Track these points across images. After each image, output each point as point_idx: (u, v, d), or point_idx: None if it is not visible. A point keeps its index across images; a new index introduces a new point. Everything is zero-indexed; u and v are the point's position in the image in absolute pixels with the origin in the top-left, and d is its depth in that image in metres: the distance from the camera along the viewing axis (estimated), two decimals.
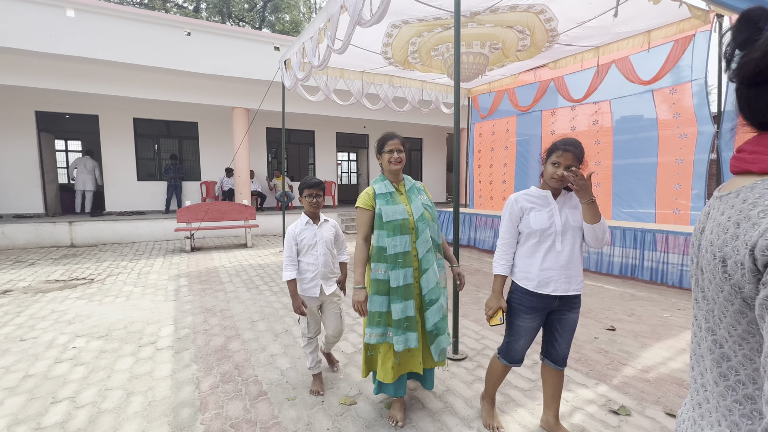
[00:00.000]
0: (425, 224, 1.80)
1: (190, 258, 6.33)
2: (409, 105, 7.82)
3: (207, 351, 2.78)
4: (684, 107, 5.15)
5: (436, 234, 1.89)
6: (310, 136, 11.87)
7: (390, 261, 1.76)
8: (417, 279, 1.81)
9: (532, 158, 7.47)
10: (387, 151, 1.85)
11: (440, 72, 6.39)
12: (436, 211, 1.92)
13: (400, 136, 1.87)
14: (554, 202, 1.65)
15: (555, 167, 1.59)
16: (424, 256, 1.79)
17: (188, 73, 7.76)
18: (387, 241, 1.76)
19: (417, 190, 1.93)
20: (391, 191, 1.84)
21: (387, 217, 1.77)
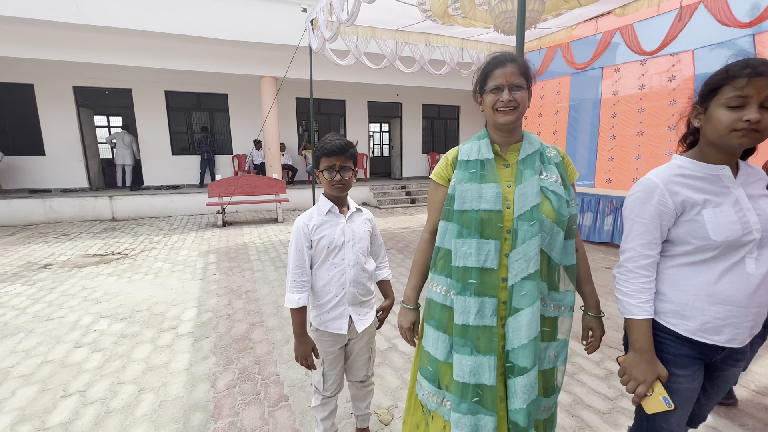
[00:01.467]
0: (535, 227, 0.96)
1: (221, 233, 6.25)
2: (448, 67, 7.07)
3: (228, 340, 2.56)
4: None
5: (559, 249, 1.01)
6: (341, 106, 11.38)
7: (457, 277, 1.01)
8: (503, 318, 1.02)
9: (587, 124, 6.58)
10: (492, 89, 1.00)
11: (485, 26, 5.60)
12: (574, 203, 1.04)
13: (520, 60, 1.01)
14: (734, 184, 0.92)
15: (734, 112, 0.84)
16: (520, 285, 0.97)
17: (214, 41, 7.43)
18: (455, 244, 1.02)
19: (542, 159, 1.04)
20: (485, 158, 1.03)
21: (461, 203, 1.01)
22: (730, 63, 0.88)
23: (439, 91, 11.20)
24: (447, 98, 12.39)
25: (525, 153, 1.03)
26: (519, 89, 0.99)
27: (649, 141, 5.56)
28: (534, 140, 1.06)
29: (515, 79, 0.99)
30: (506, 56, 1.01)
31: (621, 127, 5.91)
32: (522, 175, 1.01)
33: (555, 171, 1.04)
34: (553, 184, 1.01)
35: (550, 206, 0.99)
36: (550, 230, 0.99)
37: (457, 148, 1.11)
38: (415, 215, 8.01)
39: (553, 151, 1.08)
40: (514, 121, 1.00)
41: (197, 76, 8.80)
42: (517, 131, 1.05)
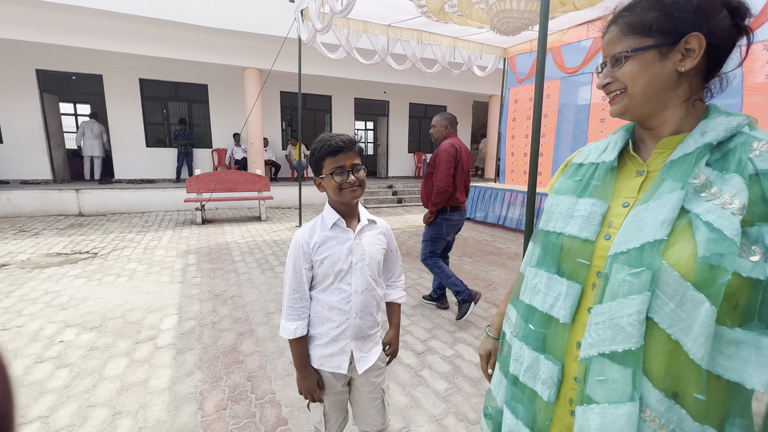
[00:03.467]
0: (642, 279, 0.56)
1: (201, 231, 5.90)
2: (439, 66, 6.98)
3: (214, 353, 2.32)
4: None
5: (702, 335, 0.52)
6: (327, 102, 11.10)
7: (521, 314, 0.77)
8: (573, 399, 0.68)
9: (575, 128, 6.63)
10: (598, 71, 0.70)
11: (480, 25, 5.52)
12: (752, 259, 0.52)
13: (623, 16, 0.63)
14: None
15: None
16: (598, 363, 0.60)
17: (195, 27, 7.02)
18: (529, 272, 0.77)
19: (724, 164, 0.57)
20: (603, 161, 0.71)
21: (546, 221, 0.75)
22: None
23: (427, 90, 11.13)
24: (434, 98, 12.34)
25: (682, 151, 0.61)
26: (620, 62, 0.63)
27: None
28: (714, 127, 0.59)
29: (614, 48, 0.64)
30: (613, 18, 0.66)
31: (609, 132, 5.97)
32: (656, 189, 0.61)
33: (738, 185, 0.54)
34: (716, 209, 0.54)
35: (691, 249, 0.54)
36: (678, 293, 0.55)
37: (584, 147, 0.81)
38: (403, 215, 7.88)
39: (766, 146, 0.56)
40: (625, 111, 0.65)
41: (175, 64, 8.33)
42: (666, 119, 0.64)
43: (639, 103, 0.63)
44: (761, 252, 0.52)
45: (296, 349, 1.10)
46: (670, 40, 0.59)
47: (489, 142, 11.83)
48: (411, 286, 3.56)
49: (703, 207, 0.56)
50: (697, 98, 0.63)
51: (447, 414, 1.80)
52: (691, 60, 0.59)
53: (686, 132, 0.63)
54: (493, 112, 11.31)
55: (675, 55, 0.59)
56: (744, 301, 0.54)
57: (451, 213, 2.79)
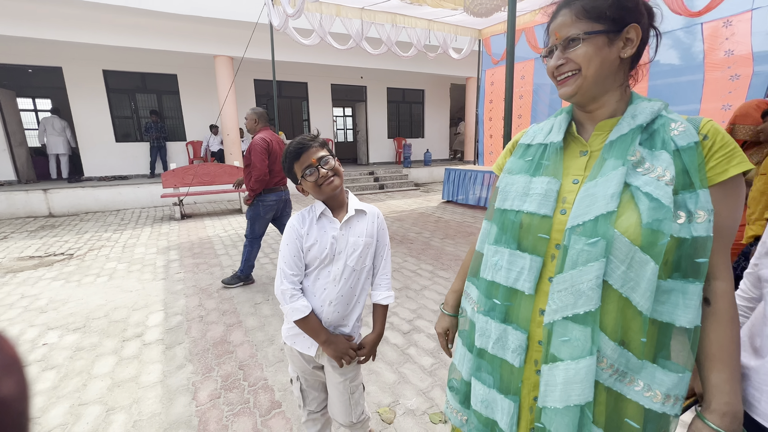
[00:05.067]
0: (597, 248, 0.64)
1: (180, 227, 5.80)
2: (414, 49, 6.94)
3: (204, 345, 2.35)
4: (739, 43, 4.44)
5: (647, 290, 0.62)
6: (303, 89, 10.88)
7: (483, 291, 0.81)
8: (538, 361, 0.75)
9: (549, 108, 6.78)
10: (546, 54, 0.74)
11: (454, 6, 5.51)
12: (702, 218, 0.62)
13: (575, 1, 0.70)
14: None
15: None
16: (561, 326, 0.68)
17: (160, 14, 6.71)
18: (488, 250, 0.80)
19: (651, 142, 0.67)
20: (551, 142, 0.76)
21: (503, 199, 0.78)
22: None
23: (404, 74, 11.04)
24: (412, 82, 12.27)
25: (618, 133, 0.68)
26: (576, 43, 0.67)
27: None
28: (642, 111, 0.68)
29: (568, 30, 0.67)
30: (561, 1, 0.70)
31: None
32: (601, 167, 0.68)
33: (666, 160, 0.63)
34: (653, 182, 0.63)
35: (636, 218, 0.62)
36: (628, 257, 0.62)
37: (527, 129, 0.85)
38: (386, 201, 7.93)
39: (684, 127, 0.65)
40: (577, 92, 0.69)
41: (141, 53, 7.96)
42: (605, 102, 0.71)
43: (590, 85, 0.68)
44: (685, 215, 0.62)
45: (312, 324, 1.11)
46: (617, 28, 0.65)
47: (467, 125, 11.92)
48: (395, 270, 3.65)
49: (641, 180, 0.64)
50: (626, 84, 0.71)
51: (433, 387, 1.91)
52: (630, 48, 0.66)
53: (619, 115, 0.71)
54: (471, 95, 11.37)
55: (619, 42, 0.66)
56: (671, 257, 0.63)
57: (267, 195, 3.16)
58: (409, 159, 11.10)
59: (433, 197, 8.40)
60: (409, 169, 10.76)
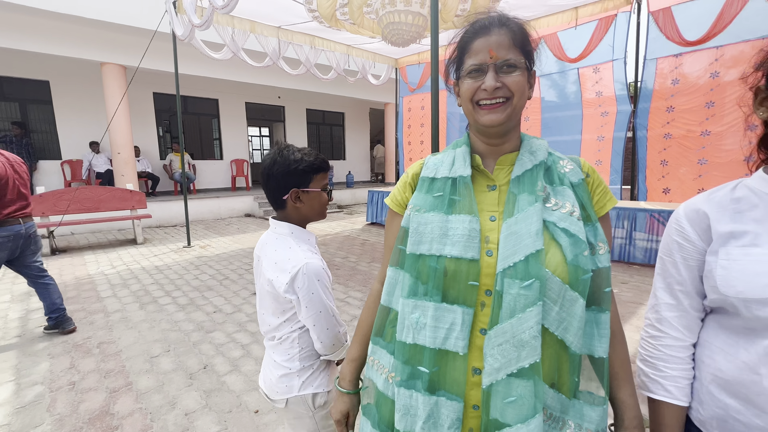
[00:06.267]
0: (533, 291, 0.59)
1: (50, 264, 4.69)
2: (334, 72, 6.96)
3: (75, 424, 1.81)
4: (606, 86, 5.37)
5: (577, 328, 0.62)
6: (214, 106, 10.08)
7: (402, 358, 0.67)
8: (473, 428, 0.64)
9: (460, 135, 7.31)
10: (470, 71, 0.66)
11: (372, 34, 5.66)
12: (605, 250, 0.64)
13: (513, 23, 0.66)
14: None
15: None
16: (505, 385, 0.60)
17: (29, 9, 5.60)
18: (404, 306, 0.68)
19: (550, 178, 0.68)
20: (458, 176, 0.70)
21: (416, 243, 0.68)
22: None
23: (324, 96, 11.01)
24: (332, 104, 12.29)
25: (522, 168, 0.67)
26: (513, 69, 0.64)
27: None
28: (538, 148, 0.70)
29: (506, 53, 0.64)
30: (492, 19, 0.66)
31: None
32: (515, 203, 0.65)
33: (571, 196, 0.66)
34: (566, 217, 0.63)
35: (560, 255, 0.61)
36: (560, 296, 0.60)
37: (422, 159, 0.77)
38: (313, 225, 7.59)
39: (571, 165, 0.69)
40: (506, 121, 0.65)
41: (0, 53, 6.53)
42: (512, 136, 0.70)
43: (516, 114, 0.67)
44: (589, 248, 0.63)
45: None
46: (531, 67, 0.68)
47: (387, 149, 12.31)
48: None
49: (555, 216, 0.64)
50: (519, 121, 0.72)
51: None
52: (532, 89, 0.69)
53: (515, 150, 0.71)
54: (389, 119, 11.83)
55: (530, 79, 0.68)
56: (592, 291, 0.64)
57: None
58: (331, 181, 10.96)
59: (358, 219, 8.33)
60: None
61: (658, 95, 4.89)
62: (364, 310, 0.82)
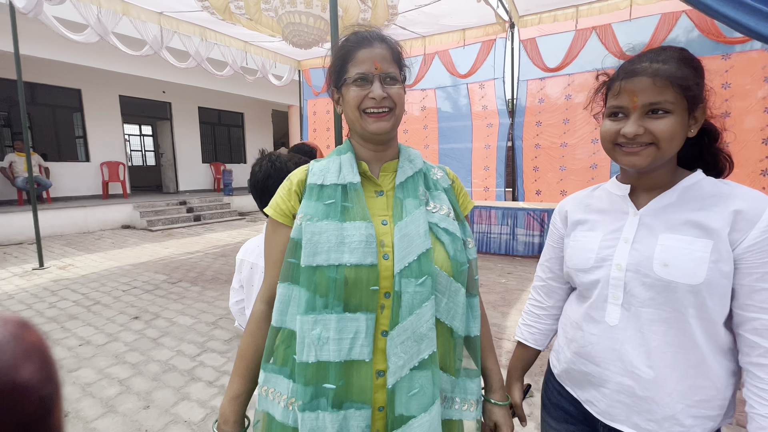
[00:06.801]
0: (427, 287, 0.65)
1: None
2: (230, 69, 6.44)
3: None
4: (490, 101, 6.10)
5: (462, 314, 0.71)
6: (75, 97, 8.40)
7: (303, 379, 0.63)
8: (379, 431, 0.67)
9: None
10: (357, 79, 0.68)
11: (271, 33, 5.41)
12: (472, 244, 0.76)
13: (390, 41, 0.72)
14: (633, 209, 0.72)
15: (616, 121, 0.68)
16: (408, 380, 0.64)
17: None
18: (302, 323, 0.64)
19: (427, 184, 0.76)
20: (349, 182, 0.70)
21: (312, 254, 0.65)
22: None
23: (219, 94, 10.10)
24: (229, 103, 11.37)
25: (404, 174, 0.73)
26: (395, 82, 0.69)
27: None
28: (415, 156, 0.77)
29: (388, 66, 0.69)
30: (373, 34, 0.70)
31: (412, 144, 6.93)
32: (403, 207, 0.69)
33: (445, 200, 0.74)
34: (444, 218, 0.71)
35: (444, 252, 0.68)
36: (447, 288, 0.68)
37: (307, 166, 0.75)
38: (204, 236, 6.87)
39: (441, 172, 0.79)
40: (391, 129, 0.70)
41: None
42: (393, 144, 0.76)
43: (398, 123, 0.72)
44: (471, 243, 0.76)
45: None
46: (404, 80, 0.73)
47: None
48: (224, 317, 3.09)
49: (436, 218, 0.71)
50: None
51: None
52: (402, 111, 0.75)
53: (395, 158, 0.77)
54: (294, 122, 11.45)
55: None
56: (468, 279, 0.74)
57: None
58: (231, 186, 10.12)
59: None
60: (231, 197, 9.78)
61: (529, 111, 5.75)
62: (246, 338, 0.73)
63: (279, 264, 0.71)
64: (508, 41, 5.74)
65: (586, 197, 0.82)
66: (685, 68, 0.64)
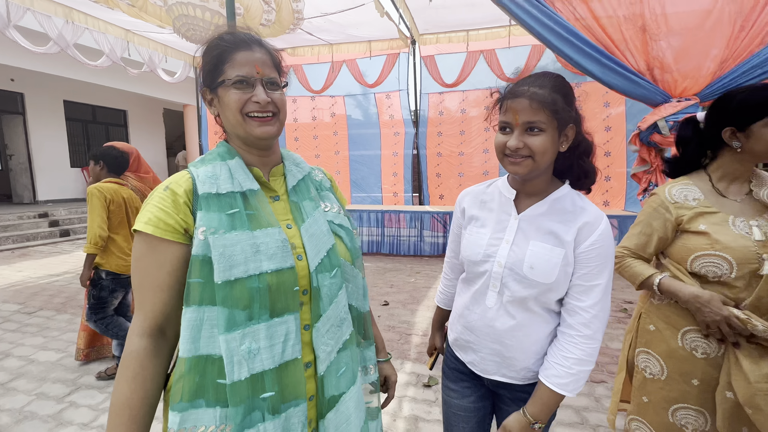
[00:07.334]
0: (338, 278, 0.73)
1: None
2: (107, 59, 5.57)
3: None
4: (396, 111, 6.42)
5: (362, 295, 0.83)
6: None
7: (237, 399, 0.61)
8: (313, 421, 0.71)
9: None
10: (236, 81, 0.68)
11: (160, 23, 4.86)
12: (356, 236, 0.84)
13: (269, 47, 0.73)
14: (515, 212, 0.88)
15: (504, 135, 0.82)
16: (336, 363, 0.71)
17: None
18: (228, 342, 0.61)
19: (316, 187, 0.82)
20: (248, 189, 0.70)
21: (227, 268, 0.62)
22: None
23: (93, 87, 8.60)
24: (107, 99, 9.77)
25: (294, 178, 0.78)
26: (277, 88, 0.71)
27: (322, 163, 6.86)
28: (299, 160, 0.82)
29: (270, 71, 0.70)
30: (251, 37, 0.70)
31: (304, 150, 6.89)
32: (302, 210, 0.75)
33: (333, 199, 0.83)
34: (338, 216, 0.80)
35: (344, 245, 0.77)
36: (351, 275, 0.78)
37: (187, 173, 0.69)
38: (75, 253, 5.76)
39: (321, 174, 0.86)
40: (277, 134, 0.72)
41: None
42: (276, 149, 0.79)
43: (281, 129, 0.74)
44: (356, 233, 0.85)
45: None
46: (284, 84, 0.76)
47: (189, 156, 10.78)
48: None
49: (330, 216, 0.79)
50: None
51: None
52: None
53: (279, 162, 0.79)
54: (191, 124, 10.39)
55: None
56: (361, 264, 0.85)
57: None
58: None
59: None
60: None
61: (431, 122, 6.22)
62: (125, 385, 0.62)
63: (165, 288, 0.64)
64: (410, 56, 6.15)
65: (481, 193, 0.98)
66: (556, 94, 0.78)
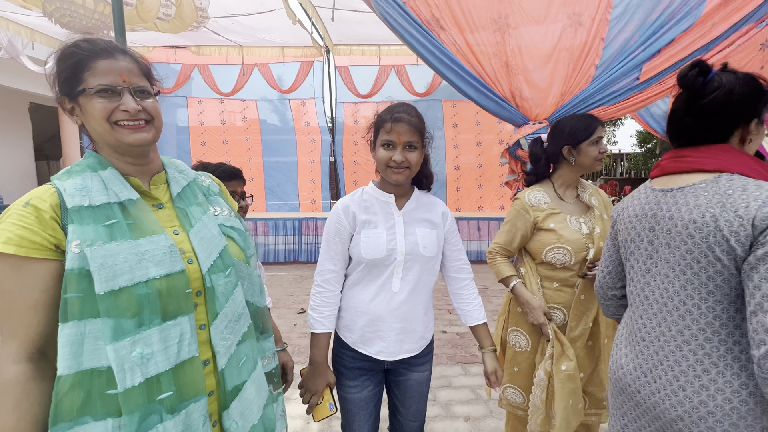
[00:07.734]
0: (233, 276, 0.78)
1: None
2: None
3: None
4: (311, 118, 6.41)
5: (258, 291, 0.88)
6: None
7: (132, 406, 0.62)
8: (215, 413, 0.76)
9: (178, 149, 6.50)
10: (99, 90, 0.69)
11: (24, 3, 4.12)
12: (250, 235, 0.90)
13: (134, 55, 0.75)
14: (396, 211, 1.12)
15: (388, 150, 1.03)
16: (236, 355, 0.76)
17: None
18: (118, 351, 0.62)
19: (203, 192, 0.85)
20: (126, 199, 0.70)
21: (111, 278, 0.63)
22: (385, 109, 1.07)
23: None
24: None
25: (179, 185, 0.80)
26: (148, 96, 0.72)
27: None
28: (183, 167, 0.84)
29: (138, 80, 0.71)
30: (112, 45, 0.70)
31: (212, 154, 6.42)
32: (190, 215, 0.77)
33: (222, 203, 0.87)
34: (228, 219, 0.84)
35: (236, 246, 0.82)
36: (246, 273, 0.83)
37: (51, 187, 0.67)
38: None
39: (208, 180, 0.89)
40: (152, 141, 0.73)
41: None
42: (155, 157, 0.79)
43: (158, 136, 0.75)
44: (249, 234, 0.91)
45: None
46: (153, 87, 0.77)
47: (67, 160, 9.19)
48: None
49: (221, 219, 0.83)
50: None
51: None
52: None
53: (160, 170, 0.81)
54: (68, 122, 8.87)
55: None
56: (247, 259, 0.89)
57: None
58: None
59: None
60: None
61: (347, 131, 6.35)
62: (12, 414, 0.60)
63: (40, 308, 0.63)
64: (325, 65, 6.22)
65: (361, 201, 1.13)
66: (421, 122, 1.06)
